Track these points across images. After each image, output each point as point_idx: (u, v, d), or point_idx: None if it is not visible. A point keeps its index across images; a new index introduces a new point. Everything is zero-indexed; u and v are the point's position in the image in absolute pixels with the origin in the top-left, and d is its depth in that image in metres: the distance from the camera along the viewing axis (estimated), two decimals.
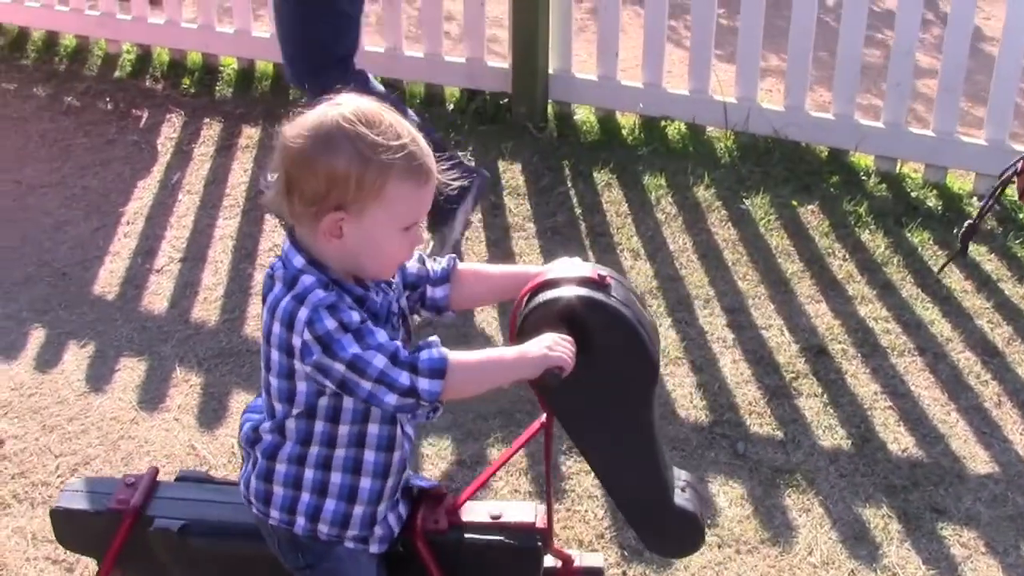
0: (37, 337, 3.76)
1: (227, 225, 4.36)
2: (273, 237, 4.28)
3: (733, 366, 3.59)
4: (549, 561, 2.63)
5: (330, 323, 1.93)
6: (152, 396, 3.50)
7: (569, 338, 2.01)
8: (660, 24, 4.76)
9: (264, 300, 2.04)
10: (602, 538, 2.98)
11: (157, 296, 3.97)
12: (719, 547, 2.95)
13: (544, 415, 2.26)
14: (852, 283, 3.98)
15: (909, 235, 4.22)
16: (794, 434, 3.32)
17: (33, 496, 3.13)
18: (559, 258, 2.16)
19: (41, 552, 2.96)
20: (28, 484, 3.17)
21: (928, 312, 3.82)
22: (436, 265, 2.22)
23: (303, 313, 1.94)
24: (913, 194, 4.47)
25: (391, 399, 1.95)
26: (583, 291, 2.05)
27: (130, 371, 3.60)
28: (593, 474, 2.60)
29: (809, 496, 3.11)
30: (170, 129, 5.03)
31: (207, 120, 5.08)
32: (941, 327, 3.75)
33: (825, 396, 3.46)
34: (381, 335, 1.96)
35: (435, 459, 3.25)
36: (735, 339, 3.71)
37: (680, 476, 2.31)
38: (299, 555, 2.23)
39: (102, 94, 5.30)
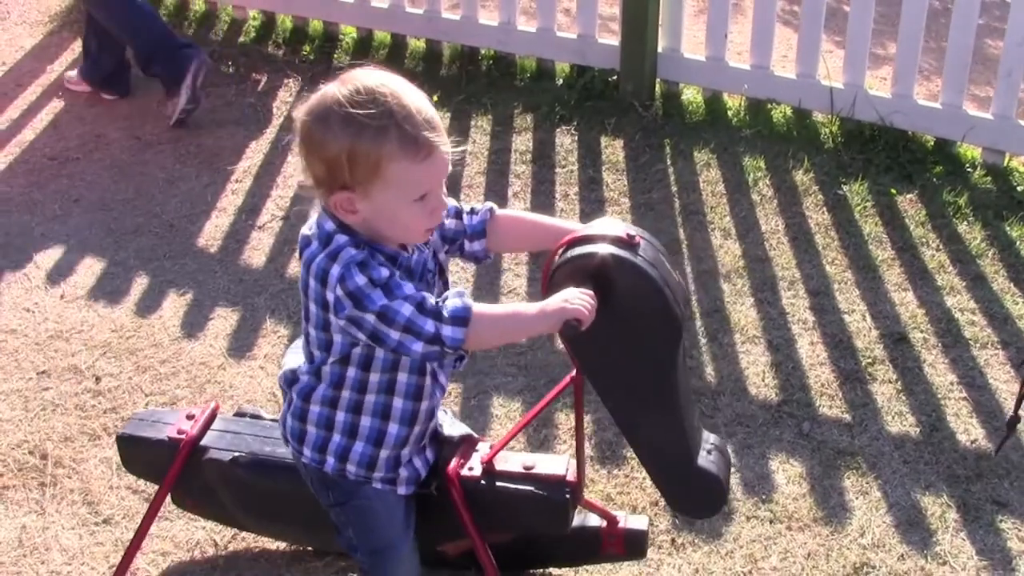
0: (140, 284, 3.95)
1: None
2: None
3: (810, 348, 3.59)
4: (595, 520, 2.71)
5: (360, 279, 2.02)
6: (241, 344, 3.66)
7: (590, 292, 2.07)
8: (770, 7, 4.74)
9: (300, 255, 2.14)
10: (656, 504, 3.02)
11: (256, 251, 4.13)
12: (771, 522, 2.97)
13: (574, 371, 2.34)
14: (942, 273, 3.93)
15: (1008, 229, 4.15)
16: (862, 418, 3.31)
17: None
18: (599, 217, 2.22)
19: (124, 482, 3.13)
20: (118, 419, 3.34)
21: (1017, 306, 3.76)
22: (473, 218, 2.28)
23: (335, 270, 2.03)
24: (1019, 188, 4.38)
25: (417, 347, 2.04)
26: (611, 248, 2.11)
27: (223, 320, 3.77)
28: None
29: (868, 479, 3.11)
30: (286, 94, 5.19)
31: (323, 86, 5.21)
32: None
33: (899, 383, 3.44)
34: (408, 287, 2.05)
35: (504, 420, 3.33)
36: (815, 321, 3.71)
37: (708, 439, 2.36)
38: (329, 493, 2.34)
39: (225, 58, 5.49)
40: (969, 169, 4.50)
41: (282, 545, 2.91)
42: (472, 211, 2.29)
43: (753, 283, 3.89)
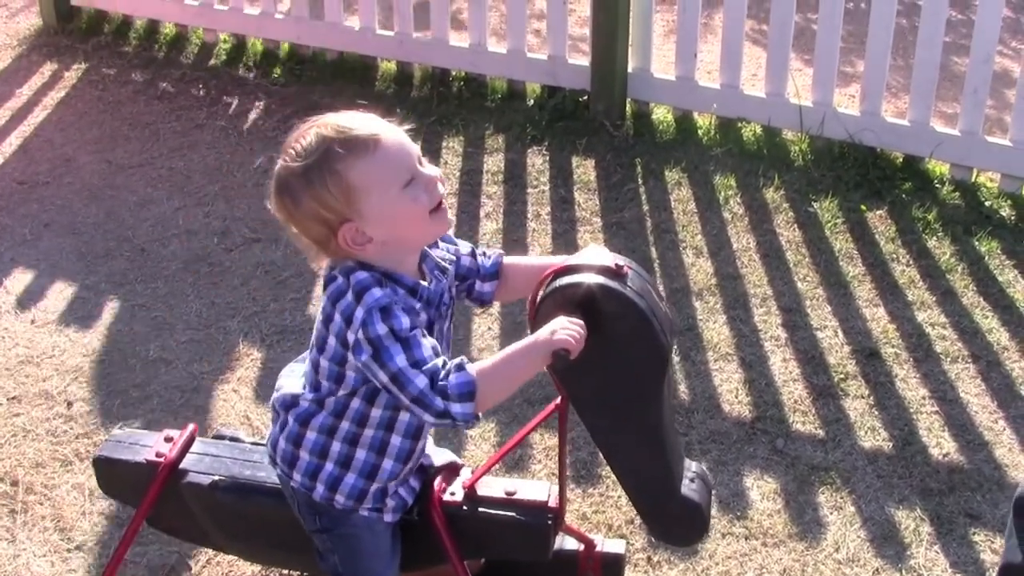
0: (112, 308, 3.93)
1: None
2: None
3: (783, 364, 3.61)
4: (572, 544, 2.70)
5: (381, 328, 2.02)
6: (214, 368, 3.64)
7: (579, 321, 2.07)
8: (738, 26, 4.78)
9: (325, 287, 2.13)
10: (631, 523, 3.02)
11: (229, 274, 4.12)
12: (746, 539, 2.98)
13: (559, 398, 2.34)
14: (913, 288, 3.96)
15: (977, 243, 4.19)
16: (835, 433, 3.33)
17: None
18: (588, 246, 2.23)
19: (96, 507, 3.11)
20: (90, 444, 3.32)
21: (987, 320, 3.79)
22: (486, 260, 2.30)
23: (359, 313, 2.04)
24: (987, 203, 4.42)
25: (428, 417, 2.06)
26: (598, 278, 2.11)
27: (196, 344, 3.75)
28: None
29: (843, 494, 3.12)
30: (257, 116, 5.19)
31: (294, 108, 5.23)
32: (999, 335, 3.72)
33: (871, 398, 3.46)
34: (427, 348, 2.05)
35: (479, 440, 3.33)
36: (787, 338, 3.72)
37: (690, 467, 2.36)
38: (316, 518, 2.33)
39: (196, 81, 5.49)
40: (937, 185, 4.54)
41: (256, 568, 2.90)
42: (484, 253, 2.31)
43: (725, 301, 3.91)
